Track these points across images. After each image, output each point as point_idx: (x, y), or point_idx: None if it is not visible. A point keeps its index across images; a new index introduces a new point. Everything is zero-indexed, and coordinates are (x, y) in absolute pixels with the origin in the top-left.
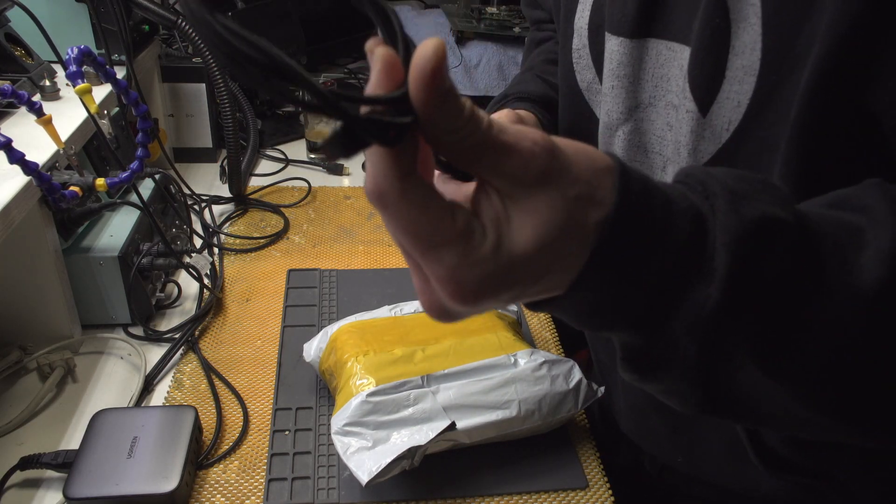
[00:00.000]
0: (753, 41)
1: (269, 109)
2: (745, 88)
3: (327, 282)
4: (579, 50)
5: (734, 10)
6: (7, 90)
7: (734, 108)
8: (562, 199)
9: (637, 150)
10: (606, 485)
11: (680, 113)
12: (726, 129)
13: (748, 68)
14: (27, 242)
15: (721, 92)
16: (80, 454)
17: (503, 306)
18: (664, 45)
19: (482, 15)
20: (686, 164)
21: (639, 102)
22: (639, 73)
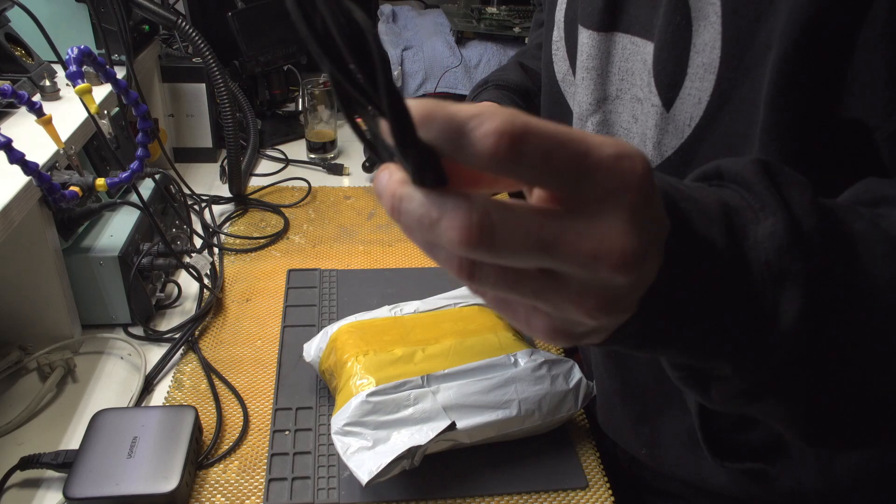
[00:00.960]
0: (713, 39)
1: (269, 109)
2: (706, 86)
3: (327, 282)
4: (557, 42)
5: (695, 8)
6: (7, 90)
7: (695, 105)
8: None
9: None
10: (606, 485)
11: (645, 106)
12: (688, 125)
13: (708, 66)
14: (27, 242)
15: (683, 88)
16: (80, 454)
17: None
18: (629, 39)
19: (482, 15)
20: (652, 156)
21: (606, 95)
22: (607, 66)
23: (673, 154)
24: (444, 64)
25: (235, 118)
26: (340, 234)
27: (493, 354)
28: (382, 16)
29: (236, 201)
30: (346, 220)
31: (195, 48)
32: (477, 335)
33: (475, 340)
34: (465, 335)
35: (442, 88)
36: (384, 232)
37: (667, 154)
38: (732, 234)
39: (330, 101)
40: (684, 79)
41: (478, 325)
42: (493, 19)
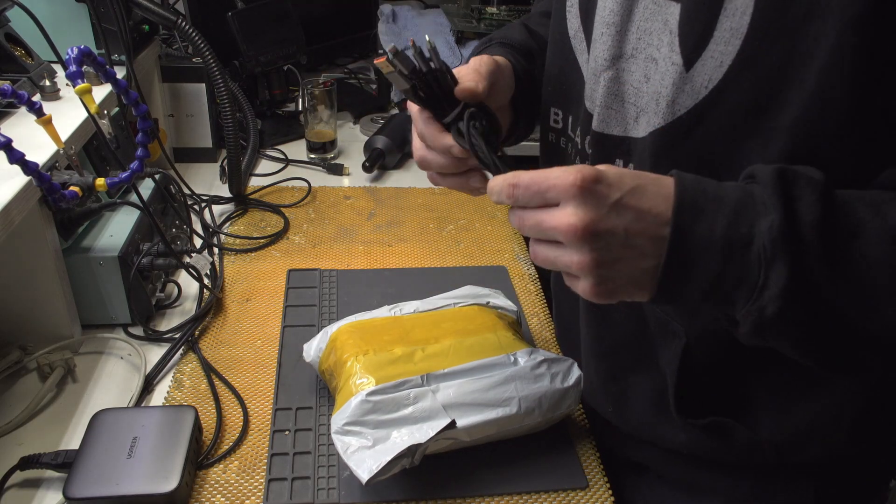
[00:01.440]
0: (745, 5)
1: (269, 109)
2: (730, 49)
3: (327, 282)
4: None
5: None
6: (7, 90)
7: (716, 68)
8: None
9: (614, 98)
10: (606, 485)
11: (661, 66)
12: (705, 87)
13: (735, 31)
14: (27, 242)
15: (707, 50)
16: (80, 454)
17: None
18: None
19: (482, 15)
20: (664, 115)
21: (622, 52)
22: (626, 25)
23: (685, 114)
24: None
25: (235, 118)
26: (340, 234)
27: (492, 354)
28: (382, 16)
29: (236, 201)
30: (346, 220)
31: (195, 48)
32: (476, 335)
33: (475, 340)
34: (465, 335)
35: None
36: (384, 232)
37: (679, 113)
38: (738, 223)
39: (330, 100)
40: (709, 41)
41: (477, 324)
42: (493, 19)
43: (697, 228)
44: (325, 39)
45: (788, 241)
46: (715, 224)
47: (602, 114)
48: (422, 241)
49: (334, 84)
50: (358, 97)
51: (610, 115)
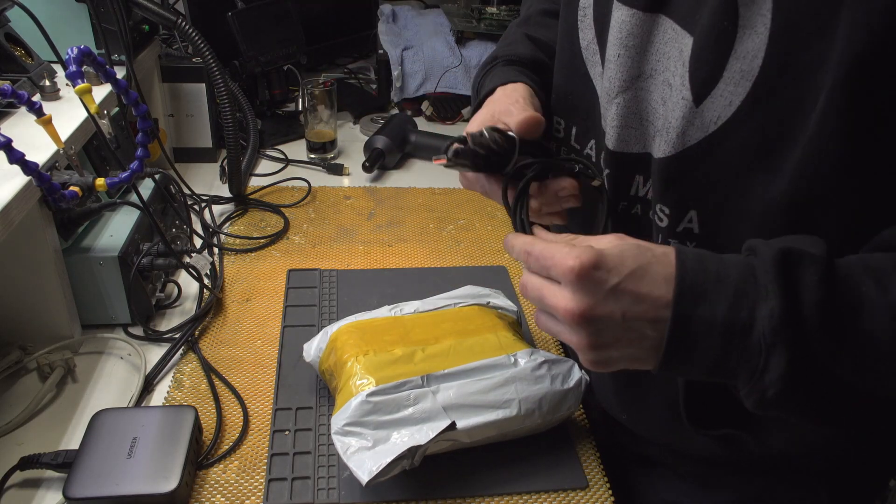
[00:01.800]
0: (757, 49)
1: (269, 109)
2: (740, 91)
3: (327, 282)
4: (585, 8)
5: (744, 16)
6: (7, 90)
7: (725, 107)
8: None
9: (633, 116)
10: (606, 485)
11: (675, 94)
12: (714, 123)
13: (746, 73)
14: (27, 242)
15: (716, 89)
16: (79, 454)
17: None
18: (671, 24)
19: (482, 15)
20: (675, 144)
21: (641, 72)
22: (646, 45)
23: (695, 144)
24: (444, 64)
25: (235, 118)
26: (340, 234)
27: (492, 354)
28: (382, 16)
29: (236, 201)
30: (346, 220)
31: (195, 48)
32: (477, 335)
33: (475, 340)
34: (465, 335)
35: (442, 88)
36: (384, 232)
37: (689, 144)
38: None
39: (330, 100)
40: (719, 81)
41: (477, 325)
42: (493, 19)
43: (698, 312)
44: (325, 39)
45: (788, 328)
46: (716, 308)
47: (621, 133)
48: (422, 241)
49: (334, 84)
50: (358, 97)
51: (629, 133)
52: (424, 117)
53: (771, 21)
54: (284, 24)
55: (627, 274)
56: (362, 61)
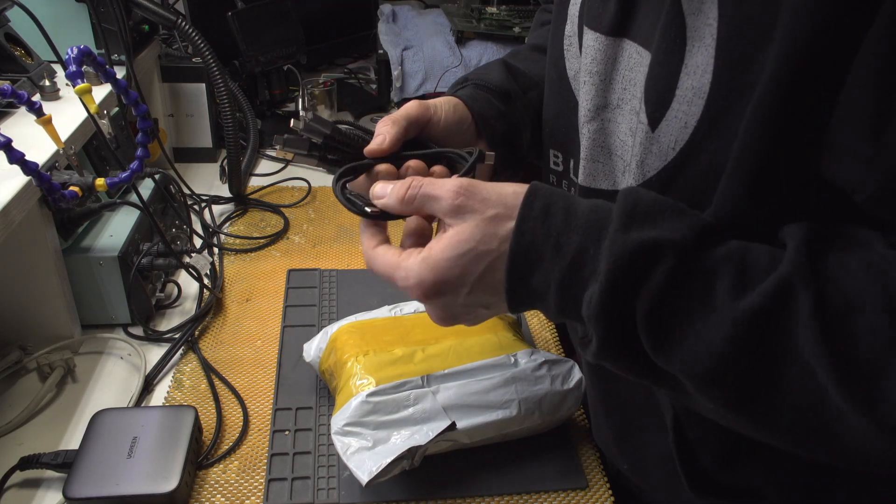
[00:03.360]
0: (706, 63)
1: (269, 109)
2: (694, 110)
3: (327, 282)
4: (570, 37)
5: (691, 27)
6: (7, 90)
7: (681, 129)
8: (480, 218)
9: (601, 150)
10: (606, 485)
11: (636, 122)
12: (672, 148)
13: (698, 90)
14: (27, 242)
15: (670, 110)
16: (79, 454)
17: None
18: (635, 48)
19: (482, 15)
20: (635, 175)
21: (607, 102)
22: (611, 73)
23: (654, 175)
24: (444, 64)
25: (235, 118)
26: (340, 234)
27: (493, 354)
28: (382, 16)
29: (236, 201)
30: (346, 220)
31: (195, 48)
32: (477, 335)
33: (475, 340)
34: (465, 335)
35: (442, 88)
36: None
37: (649, 175)
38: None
39: (330, 100)
40: (672, 100)
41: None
42: (493, 19)
43: (532, 282)
44: (325, 39)
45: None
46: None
47: (588, 167)
48: None
49: (334, 84)
50: (358, 97)
51: (597, 168)
52: None
53: (717, 31)
54: (284, 24)
55: (472, 284)
56: (362, 61)
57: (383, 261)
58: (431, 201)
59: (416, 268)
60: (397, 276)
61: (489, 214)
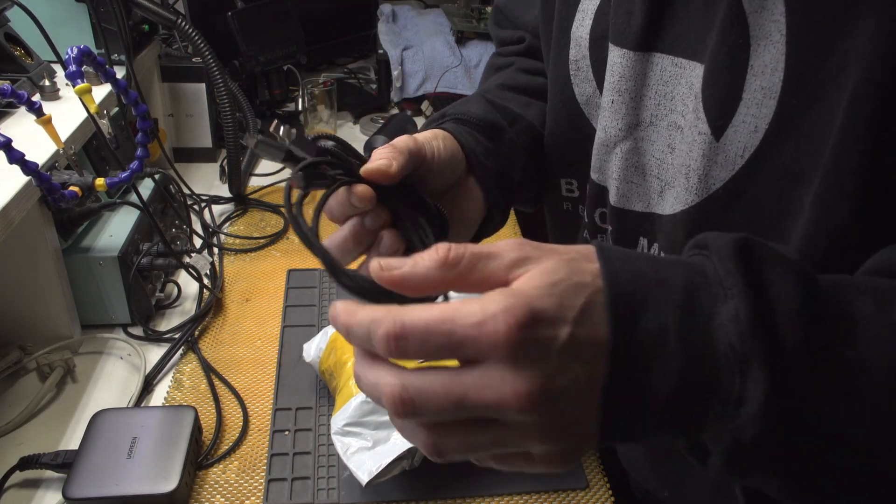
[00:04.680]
0: (775, 60)
1: (269, 109)
2: (764, 112)
3: (327, 282)
4: (578, 61)
5: (755, 26)
6: (7, 90)
7: (751, 133)
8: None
9: (634, 170)
10: (606, 485)
11: (687, 135)
12: (741, 156)
13: (768, 90)
14: (27, 242)
15: (737, 115)
16: (79, 454)
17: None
18: (670, 60)
19: (482, 15)
20: (697, 190)
21: (640, 120)
22: (641, 89)
23: (721, 187)
24: (444, 64)
25: (235, 118)
26: None
27: None
28: (382, 16)
29: (236, 201)
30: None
31: (195, 48)
32: None
33: None
34: None
35: (442, 88)
36: None
37: (714, 187)
38: (694, 315)
39: (330, 100)
40: (738, 104)
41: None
42: None
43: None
44: (325, 39)
45: (761, 333)
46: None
47: (621, 188)
48: None
49: (334, 84)
50: (358, 97)
51: (630, 188)
52: (424, 117)
53: (786, 26)
54: (284, 24)
55: (576, 316)
56: (362, 61)
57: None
58: (485, 260)
59: (499, 297)
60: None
61: (566, 256)
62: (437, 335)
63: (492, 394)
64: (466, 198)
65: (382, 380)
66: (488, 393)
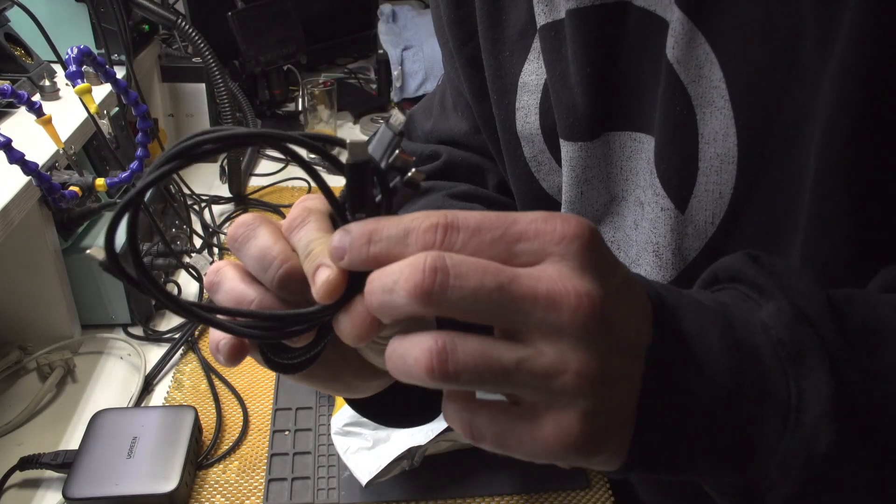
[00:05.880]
0: (725, 126)
1: (269, 109)
2: (725, 178)
3: None
4: (536, 157)
5: (696, 95)
6: (7, 90)
7: (716, 200)
8: None
9: (613, 248)
10: (606, 485)
11: (648, 212)
12: (711, 223)
13: (724, 156)
14: (27, 242)
15: (697, 185)
16: (79, 454)
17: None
18: (627, 136)
19: None
20: (673, 264)
21: (613, 196)
22: (607, 169)
23: (698, 256)
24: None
25: (235, 118)
26: None
27: None
28: (382, 16)
29: (236, 201)
30: None
31: (195, 48)
32: None
33: None
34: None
35: None
36: None
37: (691, 257)
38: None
39: (330, 100)
40: (697, 174)
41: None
42: None
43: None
44: (325, 39)
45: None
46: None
47: None
48: None
49: (334, 84)
50: (358, 97)
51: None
52: None
53: (728, 91)
54: (284, 24)
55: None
56: (362, 61)
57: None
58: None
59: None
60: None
61: None
62: (494, 226)
63: (545, 286)
64: None
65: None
66: (540, 285)
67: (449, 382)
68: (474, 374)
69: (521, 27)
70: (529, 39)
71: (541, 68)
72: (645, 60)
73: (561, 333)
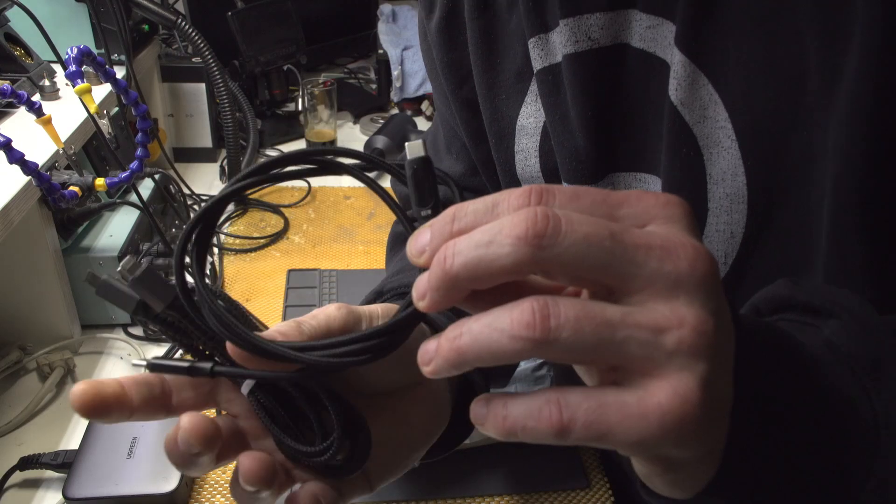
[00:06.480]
0: (734, 166)
1: (269, 109)
2: (736, 218)
3: (327, 282)
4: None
5: (702, 136)
6: (7, 90)
7: (728, 240)
8: None
9: None
10: (606, 485)
11: None
12: (724, 263)
13: (734, 196)
14: (27, 242)
15: (708, 226)
16: (79, 454)
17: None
18: (633, 176)
19: None
20: None
21: None
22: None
23: None
24: None
25: (235, 118)
26: (340, 234)
27: None
28: (382, 16)
29: (236, 201)
30: (346, 220)
31: (195, 48)
32: None
33: None
34: None
35: None
36: (384, 232)
37: None
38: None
39: (329, 100)
40: (707, 215)
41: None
42: None
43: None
44: (325, 39)
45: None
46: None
47: None
48: None
49: (334, 84)
50: (358, 97)
51: None
52: (424, 117)
53: (734, 131)
54: (284, 24)
55: None
56: (362, 61)
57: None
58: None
59: None
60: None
61: None
62: (592, 192)
63: (658, 238)
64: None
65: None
66: (654, 237)
67: (547, 344)
68: (576, 329)
69: (517, 70)
70: (526, 83)
71: (539, 111)
72: (647, 102)
73: (678, 286)
